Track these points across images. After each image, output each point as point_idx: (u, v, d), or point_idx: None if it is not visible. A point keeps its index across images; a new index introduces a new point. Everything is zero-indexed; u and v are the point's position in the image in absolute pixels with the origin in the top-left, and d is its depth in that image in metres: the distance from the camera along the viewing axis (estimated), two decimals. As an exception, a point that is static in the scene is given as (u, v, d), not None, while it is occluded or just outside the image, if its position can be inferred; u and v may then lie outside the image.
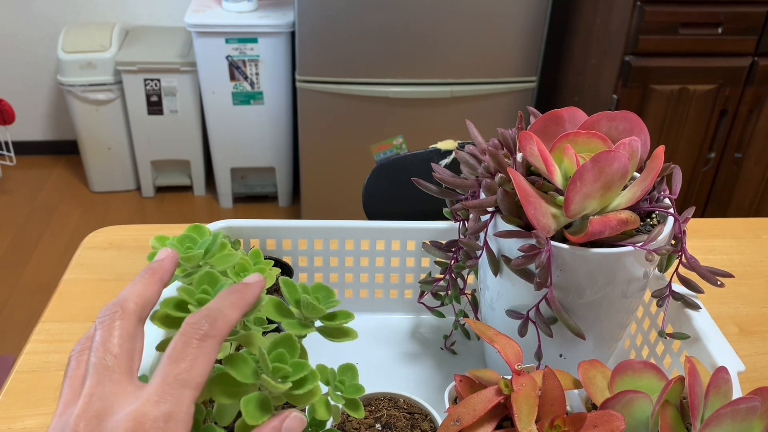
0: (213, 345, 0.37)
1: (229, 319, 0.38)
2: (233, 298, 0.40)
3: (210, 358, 0.36)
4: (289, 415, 0.39)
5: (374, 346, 0.78)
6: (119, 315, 0.38)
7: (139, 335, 0.38)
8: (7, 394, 0.70)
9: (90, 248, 0.91)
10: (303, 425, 0.39)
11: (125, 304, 0.38)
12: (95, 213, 2.53)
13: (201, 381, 0.35)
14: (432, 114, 2.14)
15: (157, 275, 0.41)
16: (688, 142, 1.93)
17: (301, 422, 0.39)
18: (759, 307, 0.87)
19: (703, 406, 0.47)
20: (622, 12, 1.79)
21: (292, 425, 0.38)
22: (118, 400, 0.35)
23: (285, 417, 0.39)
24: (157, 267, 0.42)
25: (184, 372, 0.35)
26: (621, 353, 0.73)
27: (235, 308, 0.39)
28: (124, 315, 0.38)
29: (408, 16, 1.98)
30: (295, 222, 0.76)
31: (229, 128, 2.37)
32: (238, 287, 0.41)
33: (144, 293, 0.39)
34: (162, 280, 0.41)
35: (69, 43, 2.35)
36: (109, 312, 0.38)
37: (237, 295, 0.40)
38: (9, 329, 2.00)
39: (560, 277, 0.57)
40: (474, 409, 0.49)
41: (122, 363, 0.36)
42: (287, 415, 0.39)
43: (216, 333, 0.37)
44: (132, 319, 0.38)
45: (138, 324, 0.38)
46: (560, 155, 0.55)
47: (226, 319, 0.38)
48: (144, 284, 0.40)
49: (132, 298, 0.39)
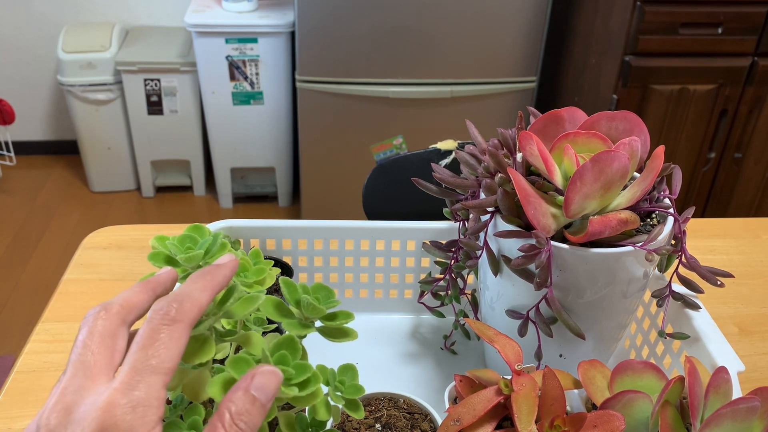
0: (182, 329, 0.36)
1: (198, 302, 0.37)
2: (203, 281, 0.39)
3: (180, 343, 0.36)
4: (257, 371, 0.36)
5: (374, 346, 0.78)
6: (102, 315, 0.37)
7: (122, 335, 0.38)
8: (7, 394, 0.70)
9: (90, 248, 0.91)
10: (277, 378, 0.36)
11: (109, 306, 0.38)
12: (95, 213, 2.53)
13: (171, 366, 0.35)
14: (432, 114, 2.14)
15: (150, 285, 0.41)
16: (688, 142, 1.92)
17: (273, 376, 0.36)
18: (759, 307, 0.87)
19: (703, 406, 0.47)
20: (622, 12, 1.79)
21: (263, 381, 0.36)
22: (90, 393, 0.34)
23: (253, 375, 0.36)
24: (152, 279, 0.41)
25: (153, 358, 0.34)
26: (621, 353, 0.73)
27: (204, 290, 0.38)
28: (107, 315, 0.37)
29: (408, 16, 1.98)
30: (295, 222, 0.76)
31: (229, 128, 2.37)
32: (209, 269, 0.40)
33: (130, 298, 0.39)
34: (154, 291, 0.41)
35: (69, 43, 2.35)
36: (93, 313, 0.38)
37: (207, 277, 0.39)
38: (9, 329, 2.00)
39: (560, 277, 0.57)
40: (474, 409, 0.49)
41: (100, 360, 0.36)
42: (255, 372, 0.36)
43: (184, 317, 0.36)
44: (114, 319, 0.38)
45: (120, 325, 0.38)
46: (560, 155, 0.55)
47: (194, 303, 0.37)
48: (132, 291, 0.40)
49: (117, 301, 0.39)
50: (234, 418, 0.34)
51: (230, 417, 0.34)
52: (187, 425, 0.43)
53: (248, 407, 0.35)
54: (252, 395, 0.35)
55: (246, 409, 0.35)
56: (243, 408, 0.35)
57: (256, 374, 0.36)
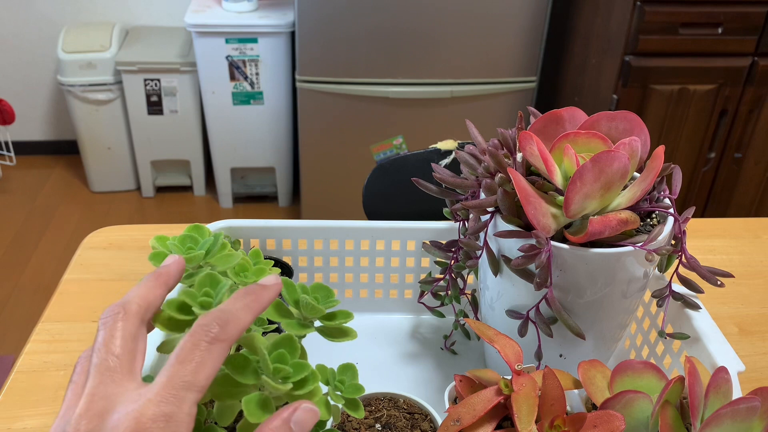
0: (222, 348, 0.36)
1: (241, 322, 0.37)
2: (248, 300, 0.39)
3: (217, 362, 0.36)
4: (299, 406, 0.37)
5: (374, 346, 0.78)
6: (121, 316, 0.37)
7: (142, 336, 0.38)
8: (7, 394, 0.70)
9: (90, 248, 0.91)
10: (315, 417, 0.38)
11: (128, 305, 0.38)
12: (95, 213, 2.53)
13: (205, 384, 0.35)
14: (432, 114, 2.14)
15: (162, 279, 0.41)
16: (688, 142, 1.93)
17: (312, 413, 0.37)
18: (759, 307, 0.87)
19: (703, 406, 0.47)
20: (622, 12, 1.79)
21: (303, 417, 0.37)
22: (120, 399, 0.34)
23: (295, 409, 0.37)
24: (163, 271, 0.41)
25: (189, 374, 0.35)
26: (621, 353, 0.73)
27: (248, 311, 0.38)
28: (126, 316, 0.38)
29: (408, 16, 1.98)
30: (295, 222, 0.76)
31: (229, 128, 2.37)
32: (254, 288, 0.40)
33: (147, 296, 0.39)
34: (167, 284, 0.41)
35: (69, 43, 2.35)
36: (112, 313, 0.38)
37: (251, 297, 0.39)
38: (9, 329, 2.00)
39: (560, 277, 0.57)
40: (474, 409, 0.49)
41: (124, 363, 0.36)
42: (297, 406, 0.37)
43: (226, 336, 0.36)
44: (134, 320, 0.38)
45: (140, 325, 0.38)
46: (560, 155, 0.55)
47: (237, 323, 0.37)
48: (148, 287, 0.40)
49: (135, 300, 0.39)
50: None
51: None
52: None
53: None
54: (290, 427, 0.36)
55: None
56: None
57: (298, 409, 0.37)
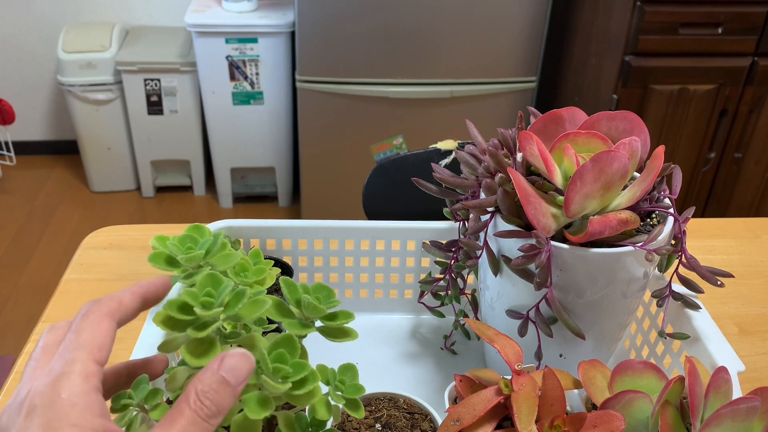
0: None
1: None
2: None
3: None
4: (227, 353, 0.35)
5: (374, 346, 0.78)
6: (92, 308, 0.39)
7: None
8: (7, 394, 0.70)
9: (90, 248, 0.91)
10: (248, 361, 0.35)
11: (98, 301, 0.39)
12: (95, 213, 2.53)
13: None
14: (432, 114, 2.14)
15: (142, 290, 0.42)
16: (688, 142, 1.92)
17: (243, 358, 0.35)
18: (759, 307, 0.87)
19: (703, 406, 0.47)
20: (622, 12, 1.79)
21: (233, 363, 0.35)
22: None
23: (224, 356, 0.35)
24: (145, 284, 0.42)
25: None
26: (621, 353, 0.73)
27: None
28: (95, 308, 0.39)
29: (408, 16, 1.98)
30: (295, 222, 0.76)
31: (229, 128, 2.37)
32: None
33: (123, 299, 0.40)
34: (144, 298, 0.42)
35: (69, 43, 2.35)
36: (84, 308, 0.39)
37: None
38: (9, 329, 2.00)
39: (560, 277, 0.57)
40: (474, 409, 0.49)
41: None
42: (226, 354, 0.35)
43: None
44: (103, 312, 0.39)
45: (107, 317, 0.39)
46: (560, 155, 0.55)
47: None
48: (124, 294, 0.41)
49: (106, 298, 0.40)
50: (200, 396, 0.34)
51: (196, 395, 0.34)
52: None
53: (215, 387, 0.34)
54: (221, 376, 0.34)
55: (213, 389, 0.34)
56: (210, 387, 0.34)
57: (227, 356, 0.35)
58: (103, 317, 0.38)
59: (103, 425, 0.33)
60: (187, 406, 0.33)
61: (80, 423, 0.32)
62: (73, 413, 0.33)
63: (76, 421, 0.32)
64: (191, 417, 0.33)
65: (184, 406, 0.34)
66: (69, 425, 0.32)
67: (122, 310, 0.39)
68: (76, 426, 0.32)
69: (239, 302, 0.41)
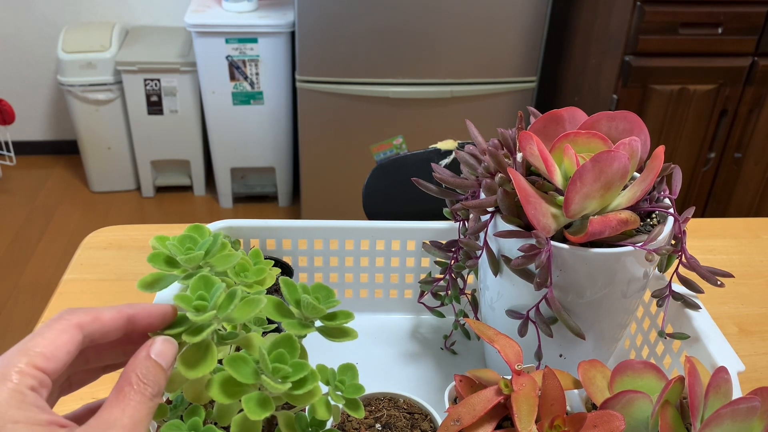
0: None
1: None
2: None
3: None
4: (155, 339, 0.39)
5: (374, 346, 0.78)
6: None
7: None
8: (7, 394, 0.69)
9: (90, 248, 0.91)
10: (173, 346, 0.39)
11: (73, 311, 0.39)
12: (95, 213, 2.53)
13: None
14: (432, 114, 2.14)
15: (132, 311, 0.40)
16: (688, 142, 1.92)
17: (169, 343, 0.39)
18: (759, 307, 0.87)
19: (703, 406, 0.47)
20: (622, 12, 1.79)
21: (161, 348, 0.38)
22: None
23: (152, 342, 0.38)
24: (139, 305, 0.41)
25: None
26: (621, 353, 0.73)
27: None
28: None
29: (408, 16, 1.98)
30: (295, 222, 0.76)
31: (229, 128, 2.37)
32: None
33: (101, 316, 0.39)
34: (129, 315, 0.40)
35: (69, 43, 2.35)
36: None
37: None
38: (9, 329, 2.00)
39: (560, 277, 0.57)
40: (474, 409, 0.49)
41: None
42: (153, 340, 0.39)
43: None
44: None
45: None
46: (560, 155, 0.55)
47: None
48: (108, 311, 0.40)
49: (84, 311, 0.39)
50: (141, 379, 0.37)
51: (137, 377, 0.37)
52: (188, 426, 0.43)
53: (152, 369, 0.37)
54: (154, 360, 0.38)
55: (151, 371, 0.37)
56: (147, 370, 0.37)
57: (155, 342, 0.39)
58: (70, 327, 0.37)
59: (49, 419, 0.34)
60: (132, 389, 0.36)
61: (22, 419, 0.33)
62: (9, 413, 0.33)
63: (19, 418, 0.33)
64: (139, 398, 0.36)
65: (128, 389, 0.36)
66: (12, 422, 0.33)
67: (96, 324, 0.38)
68: (19, 423, 0.33)
69: (231, 303, 0.41)
